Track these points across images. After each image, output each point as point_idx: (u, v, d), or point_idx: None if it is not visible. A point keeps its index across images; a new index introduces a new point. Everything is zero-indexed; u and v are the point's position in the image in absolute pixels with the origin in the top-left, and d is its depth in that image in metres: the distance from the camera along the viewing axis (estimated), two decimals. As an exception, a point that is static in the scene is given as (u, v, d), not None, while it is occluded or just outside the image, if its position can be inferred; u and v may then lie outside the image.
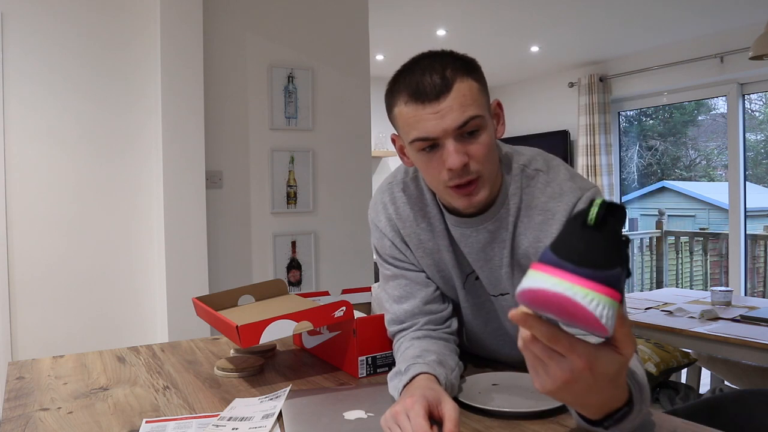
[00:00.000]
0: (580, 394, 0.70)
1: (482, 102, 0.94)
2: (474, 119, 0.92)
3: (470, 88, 0.93)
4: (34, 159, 2.53)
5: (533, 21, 4.10)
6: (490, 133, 0.95)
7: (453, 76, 0.92)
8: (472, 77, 0.94)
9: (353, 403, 0.94)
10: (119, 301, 2.70)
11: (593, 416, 0.75)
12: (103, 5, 2.65)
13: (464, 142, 0.93)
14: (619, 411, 0.75)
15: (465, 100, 0.92)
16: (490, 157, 0.95)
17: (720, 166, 6.07)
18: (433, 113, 0.91)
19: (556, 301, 0.62)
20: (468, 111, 0.91)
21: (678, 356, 2.55)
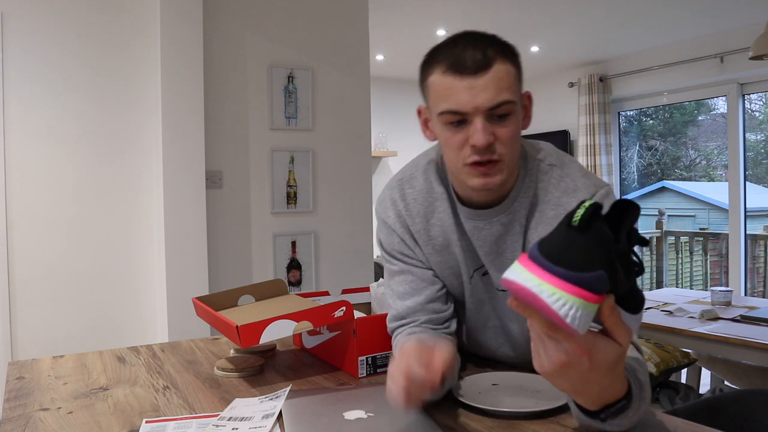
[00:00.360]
0: (578, 381, 0.70)
1: (517, 89, 0.95)
2: (507, 104, 0.92)
3: (508, 72, 0.93)
4: (34, 159, 2.53)
5: (533, 21, 4.10)
6: (518, 121, 0.95)
7: (494, 56, 0.92)
8: (512, 62, 0.94)
9: (353, 403, 0.94)
10: (119, 301, 2.70)
11: (591, 406, 0.75)
12: (103, 5, 2.65)
13: (493, 123, 0.92)
14: (617, 403, 0.75)
15: (502, 83, 0.91)
16: (515, 144, 0.95)
17: (720, 166, 6.07)
18: (468, 87, 0.91)
19: (528, 295, 0.63)
20: (503, 94, 0.91)
21: (678, 356, 2.55)
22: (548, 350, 0.69)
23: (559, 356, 0.68)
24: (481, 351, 1.20)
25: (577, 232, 0.64)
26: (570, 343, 0.67)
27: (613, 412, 0.75)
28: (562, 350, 0.68)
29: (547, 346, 0.69)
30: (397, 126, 5.73)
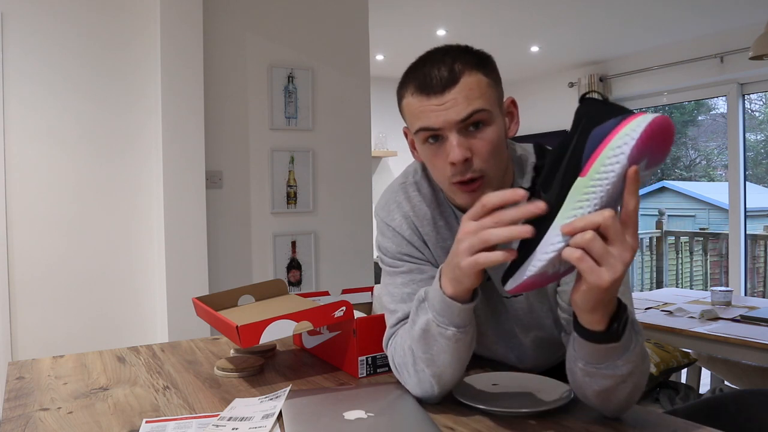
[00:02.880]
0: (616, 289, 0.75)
1: (491, 97, 0.93)
2: (478, 112, 0.91)
3: (478, 82, 0.92)
4: (34, 159, 2.53)
5: (533, 21, 4.10)
6: (497, 129, 0.94)
7: (461, 69, 0.91)
8: (482, 72, 0.93)
9: (353, 403, 0.94)
10: (119, 301, 2.70)
11: (604, 322, 0.79)
12: (103, 5, 2.65)
13: (468, 136, 0.92)
14: (618, 313, 0.80)
15: (471, 93, 0.91)
16: (495, 155, 0.93)
17: (720, 166, 6.07)
18: (437, 105, 0.91)
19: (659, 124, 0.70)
20: (473, 104, 0.91)
21: (678, 356, 2.55)
22: (616, 253, 0.72)
23: (629, 254, 0.73)
24: (486, 355, 1.20)
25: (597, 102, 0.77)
26: (635, 238, 0.73)
27: (621, 321, 0.79)
28: (628, 247, 0.72)
29: (617, 247, 0.72)
30: (397, 126, 5.72)
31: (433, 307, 0.90)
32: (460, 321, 0.89)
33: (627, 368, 0.82)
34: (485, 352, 1.19)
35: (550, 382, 1.03)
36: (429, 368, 0.93)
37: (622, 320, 0.79)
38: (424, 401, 0.97)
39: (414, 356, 0.95)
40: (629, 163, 0.69)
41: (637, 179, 0.71)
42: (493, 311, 1.11)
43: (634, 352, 0.82)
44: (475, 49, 0.96)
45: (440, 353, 0.91)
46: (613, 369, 0.82)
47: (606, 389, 0.84)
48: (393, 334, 1.03)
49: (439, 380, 0.94)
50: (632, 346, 0.82)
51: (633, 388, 0.85)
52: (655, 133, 0.68)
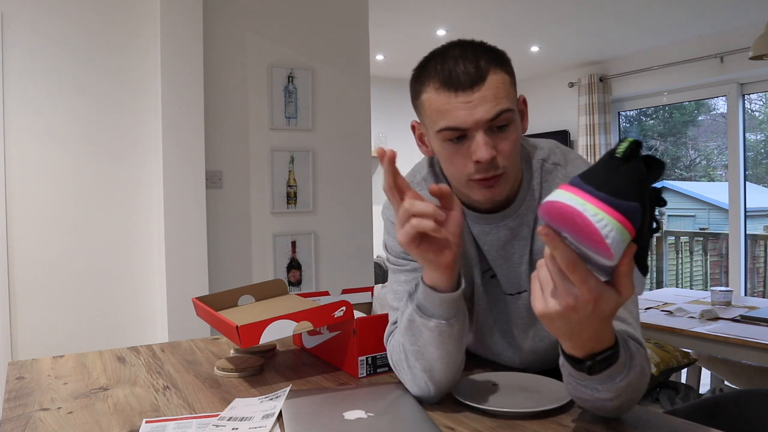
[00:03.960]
0: (575, 325, 0.72)
1: (513, 96, 0.93)
2: (505, 113, 0.90)
3: (503, 80, 0.91)
4: (34, 159, 2.53)
5: (533, 21, 4.10)
6: (518, 128, 0.94)
7: (487, 66, 0.90)
8: (505, 70, 0.92)
9: (353, 403, 0.94)
10: (119, 301, 2.70)
11: (578, 352, 0.76)
12: (103, 5, 2.65)
13: (493, 135, 0.91)
14: (605, 351, 0.76)
15: (498, 93, 0.90)
16: (516, 154, 0.94)
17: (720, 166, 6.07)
18: (465, 103, 0.89)
19: (569, 214, 0.64)
20: (501, 104, 0.90)
21: (678, 356, 2.55)
22: (558, 291, 0.70)
23: (567, 299, 0.69)
24: (486, 354, 1.20)
25: (619, 162, 0.65)
26: (582, 287, 0.68)
27: (600, 361, 0.76)
28: (572, 294, 0.69)
29: (558, 287, 0.70)
30: (397, 126, 5.73)
31: (417, 298, 0.91)
32: (442, 312, 0.89)
33: (608, 394, 0.80)
34: (487, 352, 1.20)
35: (550, 382, 1.03)
36: (419, 362, 0.93)
37: (600, 360, 0.76)
38: (423, 401, 0.97)
39: (405, 350, 0.95)
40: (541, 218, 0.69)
41: (544, 234, 0.67)
42: (492, 308, 1.11)
43: (618, 384, 0.79)
44: (493, 46, 0.94)
45: (427, 345, 0.91)
46: (592, 390, 0.81)
47: (587, 401, 0.84)
48: (392, 332, 1.03)
49: (431, 376, 0.94)
50: (618, 379, 0.79)
51: (621, 404, 0.83)
52: (556, 214, 0.66)
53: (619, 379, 0.79)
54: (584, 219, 0.63)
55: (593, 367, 0.77)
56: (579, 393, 0.83)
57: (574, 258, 0.67)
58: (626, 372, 0.79)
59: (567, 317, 0.70)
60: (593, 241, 0.64)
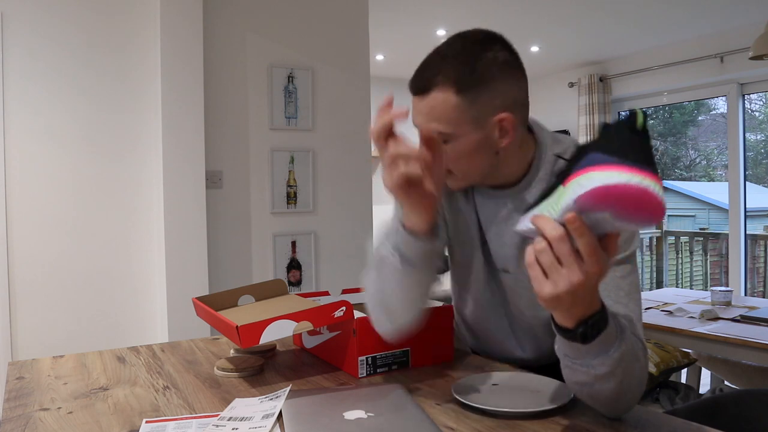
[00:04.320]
0: (578, 298, 0.73)
1: (459, 119, 0.93)
2: (439, 133, 0.93)
3: (444, 101, 0.93)
4: (34, 159, 2.53)
5: (533, 21, 4.10)
6: (466, 144, 0.95)
7: (433, 83, 0.93)
8: (456, 91, 0.92)
9: (353, 403, 0.94)
10: (119, 301, 2.70)
11: (571, 321, 0.77)
12: (103, 5, 2.65)
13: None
14: (594, 316, 0.77)
15: (432, 113, 0.94)
16: (463, 163, 0.98)
17: (720, 166, 6.08)
18: (414, 106, 0.97)
19: (633, 193, 0.65)
20: (432, 124, 0.94)
21: (678, 356, 2.55)
22: (568, 271, 0.71)
23: (578, 277, 0.71)
24: (486, 342, 1.23)
25: (641, 135, 0.68)
26: (592, 259, 0.70)
27: (591, 325, 0.77)
28: (581, 270, 0.71)
29: (567, 267, 0.71)
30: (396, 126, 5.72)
31: (395, 241, 0.95)
32: (408, 253, 0.93)
33: (603, 369, 0.81)
34: (488, 342, 1.22)
35: (550, 382, 1.03)
36: (377, 294, 0.99)
37: (591, 324, 0.77)
38: (384, 337, 1.02)
39: (374, 286, 1.01)
40: (576, 206, 0.69)
41: (577, 225, 0.69)
42: (491, 279, 1.16)
43: (612, 356, 0.80)
44: (480, 59, 0.93)
45: (393, 287, 0.96)
46: (587, 366, 0.81)
47: (585, 384, 0.84)
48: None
49: (388, 312, 0.99)
50: (611, 351, 0.80)
51: (617, 387, 0.83)
52: (614, 196, 0.66)
53: (613, 350, 0.80)
54: (651, 194, 0.65)
55: (585, 332, 0.78)
56: (577, 376, 0.84)
57: (595, 242, 0.70)
58: (618, 343, 0.80)
59: (574, 293, 0.72)
60: (651, 208, 0.65)
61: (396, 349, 1.17)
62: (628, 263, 0.96)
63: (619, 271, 0.94)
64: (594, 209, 0.68)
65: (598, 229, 0.71)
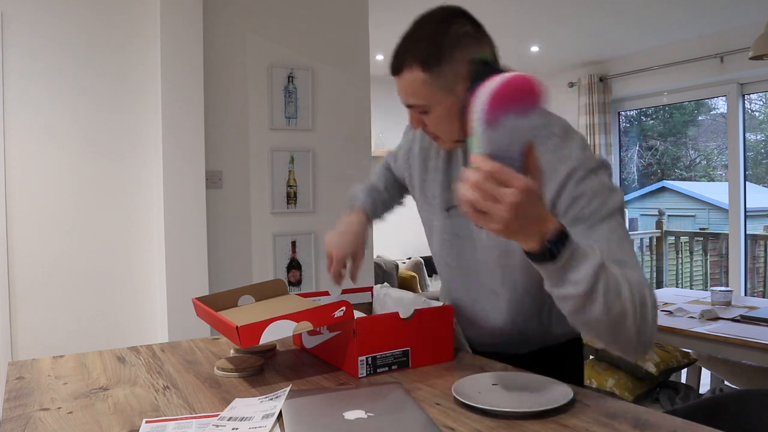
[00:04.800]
0: (524, 217, 0.80)
1: (429, 92, 1.06)
2: (413, 106, 1.09)
3: (414, 79, 1.06)
4: (34, 159, 2.53)
5: (533, 21, 4.11)
6: (442, 111, 1.08)
7: (402, 63, 1.06)
8: (422, 68, 1.04)
9: (353, 403, 0.94)
10: (119, 301, 2.70)
11: (536, 244, 0.84)
12: (103, 5, 2.65)
13: (418, 113, 1.11)
14: (552, 231, 0.84)
15: (408, 89, 1.08)
16: (444, 126, 1.11)
17: (720, 166, 6.08)
18: (396, 85, 1.10)
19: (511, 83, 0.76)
20: (409, 99, 1.09)
21: (678, 356, 2.55)
22: (503, 199, 0.78)
23: (513, 198, 0.77)
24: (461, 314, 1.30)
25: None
26: (515, 182, 0.77)
27: (555, 241, 0.84)
28: (512, 192, 0.77)
29: (499, 197, 0.78)
30: (397, 126, 5.73)
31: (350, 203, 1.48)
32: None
33: (582, 286, 0.86)
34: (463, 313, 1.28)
35: (550, 382, 1.03)
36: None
37: (553, 240, 0.83)
38: None
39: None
40: (487, 123, 0.76)
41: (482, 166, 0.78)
42: (455, 240, 1.24)
43: (586, 270, 0.86)
44: (442, 34, 1.04)
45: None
46: (568, 286, 0.87)
47: (578, 311, 0.89)
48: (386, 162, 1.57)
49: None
50: (584, 264, 0.86)
51: (605, 309, 0.88)
52: (503, 94, 0.75)
53: (586, 264, 0.86)
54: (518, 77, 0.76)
55: (551, 248, 0.84)
56: (566, 305, 0.90)
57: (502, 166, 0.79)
58: (590, 259, 0.87)
59: (518, 214, 0.78)
60: (533, 87, 0.77)
61: (396, 349, 1.17)
62: (611, 219, 1.00)
63: (605, 226, 1.00)
64: (496, 119, 0.76)
65: (514, 144, 0.79)
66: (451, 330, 1.23)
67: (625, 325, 0.90)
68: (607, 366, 2.48)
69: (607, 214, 1.00)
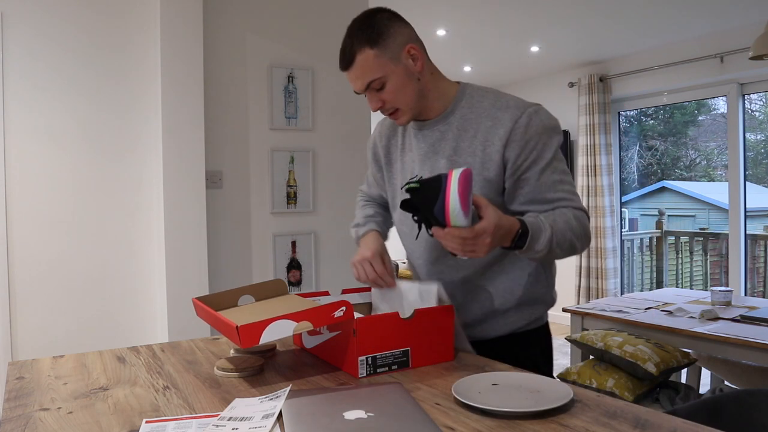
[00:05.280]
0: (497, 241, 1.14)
1: (381, 63, 1.24)
2: (373, 81, 1.25)
3: (366, 58, 1.24)
4: (34, 159, 2.53)
5: (533, 21, 4.10)
6: (396, 79, 1.26)
7: (353, 51, 1.25)
8: (370, 46, 1.24)
9: (353, 403, 0.94)
10: (119, 301, 2.70)
11: (508, 243, 1.17)
12: (103, 5, 2.65)
13: (376, 92, 1.28)
14: (516, 233, 1.16)
15: (363, 70, 1.25)
16: (401, 95, 1.27)
17: (720, 166, 6.07)
18: (349, 77, 1.29)
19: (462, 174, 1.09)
20: (366, 78, 1.25)
21: (678, 356, 2.54)
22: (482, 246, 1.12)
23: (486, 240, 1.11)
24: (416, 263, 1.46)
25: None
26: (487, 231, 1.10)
27: (519, 237, 1.16)
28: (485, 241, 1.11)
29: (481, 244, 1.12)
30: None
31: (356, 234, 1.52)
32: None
33: (544, 251, 1.19)
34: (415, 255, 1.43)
35: (550, 382, 1.03)
36: None
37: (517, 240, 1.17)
38: None
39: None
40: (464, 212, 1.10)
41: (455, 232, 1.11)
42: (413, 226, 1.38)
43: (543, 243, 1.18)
44: (373, 20, 1.26)
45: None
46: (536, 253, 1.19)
47: (541, 259, 1.27)
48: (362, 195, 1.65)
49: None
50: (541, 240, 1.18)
51: (560, 249, 1.22)
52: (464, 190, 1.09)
53: (542, 238, 1.18)
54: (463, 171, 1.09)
55: (518, 241, 1.17)
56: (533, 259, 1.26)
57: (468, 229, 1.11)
58: (543, 233, 1.18)
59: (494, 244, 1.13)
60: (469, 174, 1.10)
61: (396, 349, 1.17)
62: (549, 166, 1.26)
63: (548, 172, 1.26)
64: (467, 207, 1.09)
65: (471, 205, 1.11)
66: (451, 330, 1.23)
67: (576, 248, 1.25)
68: (607, 366, 2.48)
69: (545, 164, 1.25)
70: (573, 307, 3.04)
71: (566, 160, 5.66)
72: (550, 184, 1.26)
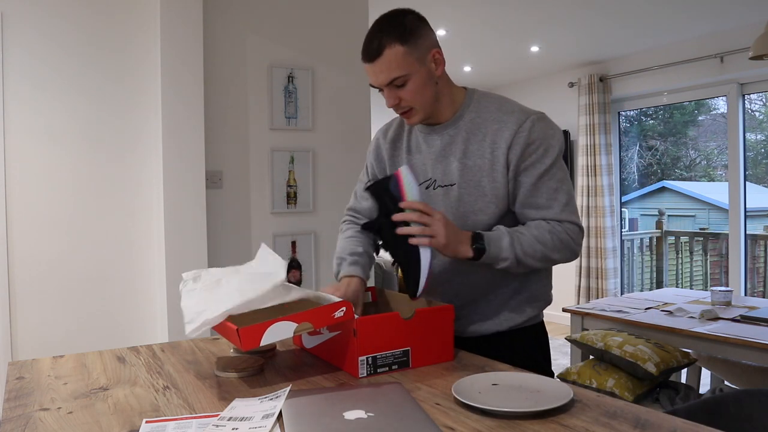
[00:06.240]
0: (452, 229, 1.23)
1: (408, 62, 1.26)
2: (396, 78, 1.27)
3: (396, 54, 1.25)
4: (34, 159, 2.53)
5: (533, 21, 4.10)
6: (418, 79, 1.28)
7: (383, 44, 1.24)
8: (401, 43, 1.25)
9: (353, 403, 0.94)
10: (119, 301, 2.70)
11: (472, 252, 1.24)
12: (103, 5, 2.65)
13: (395, 89, 1.29)
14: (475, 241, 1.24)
15: (390, 65, 1.25)
16: (419, 95, 1.29)
17: (720, 166, 6.07)
18: (371, 70, 1.28)
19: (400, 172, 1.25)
20: (393, 73, 1.26)
21: (678, 356, 2.54)
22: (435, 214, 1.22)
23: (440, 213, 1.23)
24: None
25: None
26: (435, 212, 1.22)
27: (477, 248, 1.24)
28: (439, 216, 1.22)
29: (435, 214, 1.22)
30: (397, 126, 5.72)
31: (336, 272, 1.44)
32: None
33: (510, 260, 1.25)
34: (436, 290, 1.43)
35: (550, 382, 1.03)
36: None
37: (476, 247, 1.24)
38: None
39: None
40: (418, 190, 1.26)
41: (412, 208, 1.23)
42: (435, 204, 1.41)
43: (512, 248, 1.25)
44: (403, 20, 1.26)
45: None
46: (502, 262, 1.26)
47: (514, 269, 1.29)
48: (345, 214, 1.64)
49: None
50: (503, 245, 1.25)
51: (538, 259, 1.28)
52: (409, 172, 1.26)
53: (506, 244, 1.25)
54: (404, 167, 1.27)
55: (477, 251, 1.24)
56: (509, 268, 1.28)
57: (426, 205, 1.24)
58: (504, 240, 1.25)
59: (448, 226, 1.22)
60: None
61: (396, 349, 1.17)
62: (547, 173, 1.29)
63: (545, 178, 1.29)
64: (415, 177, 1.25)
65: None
66: (452, 330, 1.23)
67: (552, 259, 1.29)
68: (607, 366, 2.48)
69: (544, 170, 1.29)
70: (573, 307, 3.04)
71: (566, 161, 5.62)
72: (544, 191, 1.29)
